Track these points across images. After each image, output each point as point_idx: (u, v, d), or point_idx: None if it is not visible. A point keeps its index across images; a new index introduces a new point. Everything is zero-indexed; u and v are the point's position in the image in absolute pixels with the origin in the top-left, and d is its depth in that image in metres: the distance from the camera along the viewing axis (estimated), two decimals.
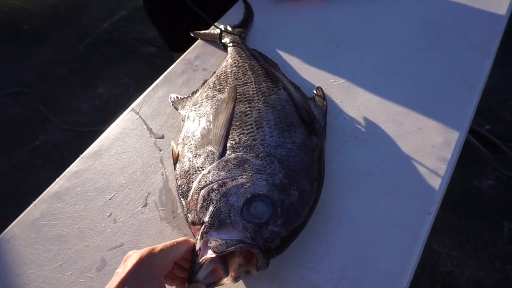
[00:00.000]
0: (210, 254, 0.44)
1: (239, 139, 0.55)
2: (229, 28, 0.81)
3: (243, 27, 0.82)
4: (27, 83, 2.17)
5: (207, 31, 0.85)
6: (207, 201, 0.49)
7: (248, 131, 0.55)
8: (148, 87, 0.79)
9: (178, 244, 0.45)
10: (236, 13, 0.90)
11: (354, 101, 0.66)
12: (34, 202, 0.65)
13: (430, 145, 0.57)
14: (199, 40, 0.86)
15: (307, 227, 0.50)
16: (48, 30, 2.47)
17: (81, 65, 2.25)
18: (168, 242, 0.45)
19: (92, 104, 2.07)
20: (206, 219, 0.47)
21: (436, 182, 0.53)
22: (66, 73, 2.23)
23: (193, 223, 0.49)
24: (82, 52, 2.33)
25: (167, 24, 1.24)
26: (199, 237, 0.46)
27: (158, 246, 0.44)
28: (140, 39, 2.28)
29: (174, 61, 0.83)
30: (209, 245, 0.45)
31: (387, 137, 0.60)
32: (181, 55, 0.84)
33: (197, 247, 0.46)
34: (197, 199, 0.50)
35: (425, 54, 0.73)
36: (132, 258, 0.42)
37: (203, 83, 0.71)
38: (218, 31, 0.79)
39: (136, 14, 2.42)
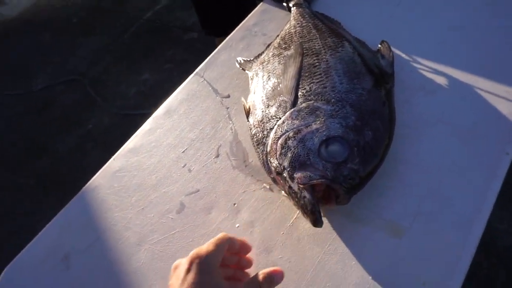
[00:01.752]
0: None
1: (310, 87, 0.57)
2: None
3: None
4: (79, 72, 2.29)
5: None
6: (285, 148, 0.51)
7: (317, 80, 0.57)
8: (190, 71, 0.80)
9: (219, 245, 0.43)
10: None
11: (419, 54, 0.67)
12: (113, 157, 0.70)
13: (504, 90, 0.57)
14: (256, 8, 0.88)
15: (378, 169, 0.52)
16: (95, 22, 2.59)
17: (126, 53, 2.35)
18: (210, 244, 0.43)
19: (138, 89, 2.15)
20: (287, 164, 0.50)
21: None
22: (113, 61, 2.34)
23: (277, 172, 0.51)
24: (127, 41, 2.43)
25: (209, 7, 1.24)
26: (289, 182, 0.48)
27: (203, 248, 0.43)
28: (182, 26, 2.34)
29: (216, 45, 0.84)
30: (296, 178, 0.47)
31: (457, 86, 0.60)
32: (223, 40, 0.85)
33: (295, 189, 0.47)
34: (276, 149, 0.52)
35: (492, 9, 0.72)
36: (182, 264, 0.41)
37: (268, 46, 0.73)
38: None
39: (177, 2, 2.49)
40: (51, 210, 0.66)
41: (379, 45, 0.65)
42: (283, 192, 0.55)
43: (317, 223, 0.45)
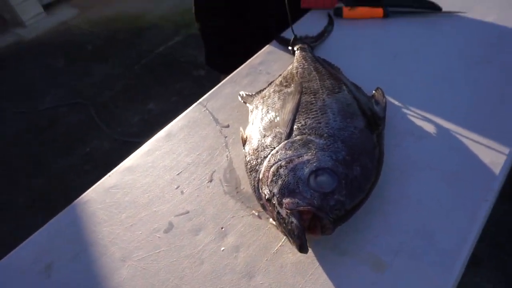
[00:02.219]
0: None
1: (305, 122, 0.60)
2: (303, 36, 0.90)
3: (316, 38, 0.91)
4: (86, 96, 2.36)
5: (282, 35, 0.95)
6: (277, 176, 0.53)
7: (313, 116, 0.61)
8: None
9: None
10: (309, 22, 0.99)
11: (410, 103, 0.71)
12: (109, 174, 0.72)
13: (486, 141, 0.60)
14: (263, 49, 0.94)
15: (365, 206, 0.53)
16: (109, 51, 2.70)
17: (136, 83, 2.43)
18: None
19: (141, 118, 2.21)
20: (276, 191, 0.51)
21: (495, 172, 0.56)
22: (121, 89, 2.41)
23: (267, 199, 0.53)
24: (138, 71, 2.52)
25: (216, 44, 1.28)
26: (278, 208, 0.50)
27: None
28: (192, 62, 2.44)
29: (220, 81, 0.88)
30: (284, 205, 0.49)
31: (445, 135, 0.64)
32: (226, 76, 0.89)
33: (283, 215, 0.49)
34: (268, 176, 0.54)
35: (480, 66, 0.77)
36: None
37: (270, 83, 0.78)
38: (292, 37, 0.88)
39: (190, 40, 2.62)
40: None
41: (374, 91, 0.69)
42: (270, 219, 0.56)
43: (302, 248, 0.46)
